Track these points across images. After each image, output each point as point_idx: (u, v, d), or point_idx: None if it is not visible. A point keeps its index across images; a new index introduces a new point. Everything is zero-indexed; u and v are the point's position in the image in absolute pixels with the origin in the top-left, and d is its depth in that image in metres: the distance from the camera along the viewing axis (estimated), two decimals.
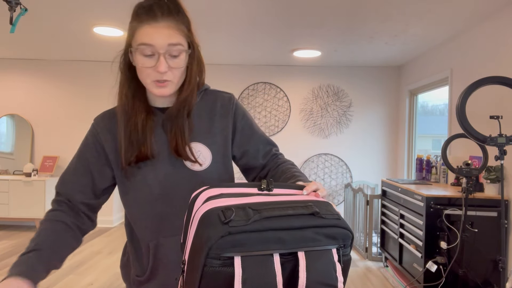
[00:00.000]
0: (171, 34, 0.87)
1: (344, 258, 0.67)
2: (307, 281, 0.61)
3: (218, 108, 1.02)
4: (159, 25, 0.86)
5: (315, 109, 5.19)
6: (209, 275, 0.59)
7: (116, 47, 4.40)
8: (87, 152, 1.00)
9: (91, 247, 4.25)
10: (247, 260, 0.59)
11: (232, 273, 0.58)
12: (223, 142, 1.01)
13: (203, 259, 0.59)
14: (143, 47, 0.87)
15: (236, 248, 0.59)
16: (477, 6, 2.89)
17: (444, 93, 4.09)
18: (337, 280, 0.63)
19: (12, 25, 1.71)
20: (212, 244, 0.58)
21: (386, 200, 3.68)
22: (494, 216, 2.71)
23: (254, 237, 0.60)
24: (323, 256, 0.64)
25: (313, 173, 5.19)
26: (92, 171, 0.99)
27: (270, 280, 0.59)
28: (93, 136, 1.01)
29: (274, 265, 0.61)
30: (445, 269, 2.71)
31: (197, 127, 0.99)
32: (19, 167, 5.17)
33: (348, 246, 0.67)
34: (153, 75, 0.89)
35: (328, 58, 4.72)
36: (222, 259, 0.59)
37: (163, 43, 0.86)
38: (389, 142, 5.14)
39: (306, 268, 0.61)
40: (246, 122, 1.05)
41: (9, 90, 5.24)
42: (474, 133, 2.25)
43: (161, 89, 0.91)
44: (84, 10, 3.17)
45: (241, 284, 0.58)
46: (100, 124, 1.01)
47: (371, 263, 3.91)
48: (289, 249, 0.62)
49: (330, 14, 3.16)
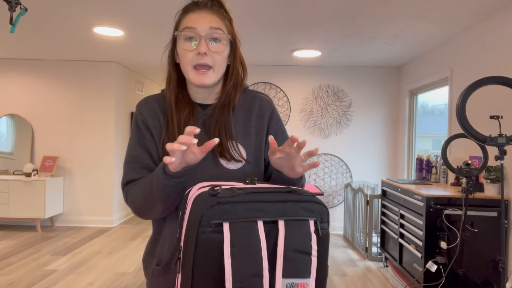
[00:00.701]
0: (213, 19, 0.94)
1: (322, 231, 0.76)
2: (285, 249, 0.70)
3: (256, 109, 1.04)
4: (202, 12, 0.94)
5: (315, 109, 5.19)
6: (202, 242, 0.68)
7: (116, 47, 4.41)
8: (143, 138, 0.99)
9: (91, 247, 4.25)
10: (234, 226, 0.69)
11: (222, 239, 0.68)
12: (257, 143, 1.02)
13: (197, 228, 0.68)
14: (186, 31, 0.93)
15: (224, 216, 0.68)
16: (477, 6, 2.89)
17: (444, 93, 4.09)
18: (311, 249, 0.73)
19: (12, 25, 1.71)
20: (203, 212, 0.68)
21: (386, 200, 3.68)
22: (494, 216, 2.71)
23: (240, 207, 0.70)
24: (300, 226, 0.73)
25: (313, 173, 5.20)
26: (152, 155, 0.99)
27: (255, 243, 0.69)
28: (142, 122, 1.00)
29: (258, 230, 0.70)
30: (445, 269, 2.71)
31: (234, 126, 1.00)
32: (19, 167, 5.17)
33: (325, 221, 0.77)
34: (194, 60, 0.93)
35: (328, 58, 4.72)
36: (212, 226, 0.68)
37: (205, 27, 0.92)
38: (389, 142, 5.14)
39: (285, 237, 0.71)
40: (280, 127, 1.06)
41: (9, 90, 5.24)
42: (474, 133, 2.25)
43: (201, 76, 0.93)
44: (84, 10, 3.17)
45: (229, 247, 0.67)
46: (145, 109, 1.01)
47: (371, 263, 3.91)
48: (271, 218, 0.71)
49: (330, 14, 3.16)
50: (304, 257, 0.72)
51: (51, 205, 4.89)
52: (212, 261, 0.68)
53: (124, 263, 3.75)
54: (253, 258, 0.68)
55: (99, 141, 5.24)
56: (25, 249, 4.10)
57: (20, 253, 3.98)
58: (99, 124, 5.24)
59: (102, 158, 5.24)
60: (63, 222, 5.27)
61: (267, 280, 0.69)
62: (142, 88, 6.32)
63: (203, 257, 0.68)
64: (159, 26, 3.57)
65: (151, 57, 4.90)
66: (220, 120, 0.97)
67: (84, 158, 5.24)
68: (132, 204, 0.95)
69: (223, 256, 0.67)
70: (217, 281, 0.68)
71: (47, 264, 3.65)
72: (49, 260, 3.76)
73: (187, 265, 0.70)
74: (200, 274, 0.68)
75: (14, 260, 3.73)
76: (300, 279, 0.71)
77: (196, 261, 0.68)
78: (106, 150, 5.24)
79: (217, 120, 0.97)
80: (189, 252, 0.69)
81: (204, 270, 0.68)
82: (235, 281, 0.67)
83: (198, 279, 0.68)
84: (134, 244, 4.40)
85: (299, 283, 0.70)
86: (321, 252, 0.75)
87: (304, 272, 0.71)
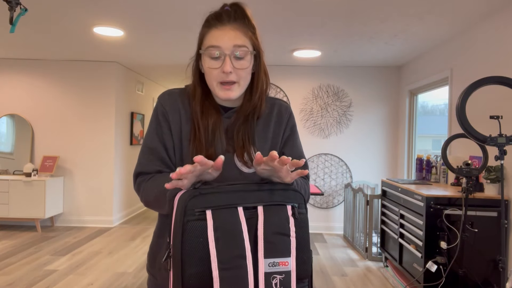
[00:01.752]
0: (237, 36, 0.93)
1: (300, 216, 0.83)
2: (265, 231, 0.78)
3: (275, 115, 1.06)
4: (225, 28, 0.93)
5: (315, 109, 5.19)
6: (188, 229, 0.75)
7: (116, 47, 4.41)
8: (161, 130, 1.01)
9: (91, 247, 4.25)
10: (216, 212, 0.76)
11: (206, 225, 0.75)
12: (273, 147, 1.04)
13: (182, 217, 0.75)
14: (210, 49, 0.93)
15: (207, 204, 0.76)
16: (477, 6, 2.89)
17: (444, 93, 4.08)
18: (290, 230, 0.80)
19: (12, 25, 1.71)
20: (187, 203, 0.76)
21: (386, 200, 3.68)
22: (494, 216, 2.71)
23: (221, 196, 0.78)
24: (278, 210, 0.80)
25: (313, 173, 5.20)
26: (168, 149, 1.00)
27: (237, 227, 0.76)
28: (162, 115, 1.01)
29: (239, 215, 0.77)
30: (445, 269, 2.71)
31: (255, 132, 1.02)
32: (19, 167, 5.17)
33: (302, 207, 0.84)
34: (219, 77, 0.94)
35: (328, 58, 4.72)
36: (196, 214, 0.75)
37: (229, 44, 0.92)
38: (389, 142, 5.14)
39: (264, 221, 0.78)
40: (293, 133, 1.09)
41: (9, 90, 5.24)
42: (474, 133, 2.25)
43: (227, 91, 0.95)
44: (84, 10, 3.17)
45: (213, 231, 0.74)
46: (168, 102, 1.02)
47: (371, 263, 3.91)
48: (251, 203, 0.79)
49: (330, 14, 3.16)
50: (283, 238, 0.78)
51: (51, 205, 4.89)
52: (199, 247, 0.74)
53: (124, 263, 3.75)
54: (235, 241, 0.74)
55: (99, 141, 5.24)
56: (25, 249, 4.10)
57: (20, 253, 3.98)
58: (99, 124, 5.24)
59: (102, 158, 5.24)
60: (63, 222, 5.27)
61: (250, 260, 0.75)
62: (142, 88, 6.32)
63: (190, 243, 0.74)
64: (159, 26, 3.57)
65: (151, 57, 4.90)
66: (244, 127, 0.99)
67: (84, 158, 5.24)
68: (143, 197, 0.97)
69: (208, 241, 0.74)
70: (205, 266, 0.74)
71: (47, 264, 3.65)
72: (49, 260, 3.76)
73: (176, 253, 0.75)
74: (189, 260, 0.74)
75: (14, 260, 3.73)
76: (281, 258, 0.77)
77: (185, 247, 0.74)
78: (106, 150, 5.24)
79: (241, 127, 0.99)
80: (177, 240, 0.75)
81: (192, 256, 0.74)
82: (220, 262, 0.73)
83: (188, 264, 0.74)
84: (134, 244, 4.39)
85: (280, 262, 0.77)
86: (300, 233, 0.82)
87: (284, 252, 0.78)
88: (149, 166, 0.99)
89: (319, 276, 3.51)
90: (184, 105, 1.02)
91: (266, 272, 0.76)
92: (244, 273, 0.74)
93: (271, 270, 0.76)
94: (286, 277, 0.77)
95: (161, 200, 0.91)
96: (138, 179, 1.00)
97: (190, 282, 0.73)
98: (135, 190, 1.01)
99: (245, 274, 0.74)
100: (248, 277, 0.74)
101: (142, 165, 1.00)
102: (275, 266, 0.76)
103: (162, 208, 0.93)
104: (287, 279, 0.77)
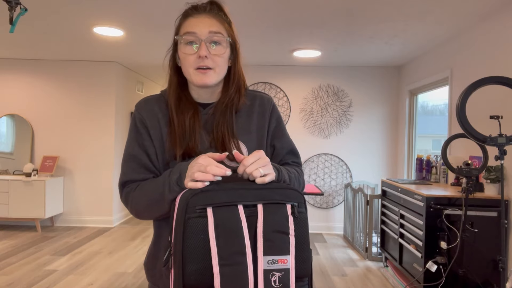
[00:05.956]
0: (213, 23, 0.96)
1: (300, 215, 0.84)
2: (264, 229, 0.78)
3: (257, 107, 1.06)
4: (201, 16, 0.97)
5: (315, 109, 5.19)
6: (189, 226, 0.76)
7: (116, 47, 4.41)
8: (141, 137, 1.01)
9: (91, 247, 4.25)
10: (217, 210, 0.77)
11: (206, 222, 0.76)
12: (259, 141, 1.04)
13: (184, 214, 0.76)
14: (186, 36, 0.95)
15: (207, 202, 0.77)
16: (477, 6, 2.89)
17: (444, 93, 4.08)
18: (289, 229, 0.81)
19: (12, 25, 1.71)
20: (188, 201, 0.77)
21: (386, 200, 3.68)
22: (494, 216, 2.71)
23: (221, 194, 0.79)
24: (278, 209, 0.81)
25: (313, 173, 5.20)
26: (150, 155, 1.00)
27: (237, 224, 0.77)
28: (140, 122, 1.01)
29: (238, 213, 0.78)
30: (445, 269, 2.71)
31: (236, 124, 1.01)
32: (19, 167, 5.17)
33: (302, 206, 0.85)
34: (195, 63, 0.95)
35: (328, 58, 4.72)
36: (197, 211, 0.76)
37: (205, 30, 0.95)
38: (389, 142, 5.14)
39: (264, 219, 0.79)
40: (279, 124, 1.08)
41: (9, 90, 5.24)
42: (474, 133, 2.25)
43: (202, 76, 0.95)
44: (84, 10, 3.17)
45: (214, 229, 0.75)
46: (144, 109, 1.03)
47: (371, 263, 3.91)
48: (250, 201, 0.80)
49: (330, 14, 3.16)
50: (282, 237, 0.79)
51: (51, 205, 4.89)
52: (200, 243, 0.75)
53: (124, 263, 3.75)
54: (236, 238, 0.76)
55: (99, 141, 5.24)
56: (25, 249, 4.10)
57: (20, 253, 3.98)
58: (99, 124, 5.24)
59: (102, 158, 5.24)
60: (63, 222, 5.27)
61: (250, 257, 0.76)
62: (142, 88, 6.32)
63: (192, 240, 0.75)
64: (159, 26, 3.57)
65: (151, 57, 4.90)
66: (222, 120, 0.98)
67: (84, 158, 5.24)
68: (133, 207, 0.96)
69: (209, 237, 0.75)
70: (206, 262, 0.75)
71: (47, 264, 3.65)
72: (49, 260, 3.76)
73: (178, 250, 0.76)
74: (190, 257, 0.75)
75: (14, 260, 3.73)
76: (280, 256, 0.78)
77: (186, 243, 0.75)
78: (106, 150, 5.24)
79: (219, 120, 0.99)
80: (179, 237, 0.76)
81: (193, 252, 0.75)
82: (221, 258, 0.74)
83: (189, 261, 0.75)
84: (134, 244, 4.39)
85: (279, 259, 0.78)
86: (299, 232, 0.83)
87: (284, 250, 0.79)
88: (133, 174, 0.98)
89: (319, 276, 3.51)
90: (162, 109, 1.02)
91: (265, 269, 0.77)
92: (244, 269, 0.75)
93: (270, 267, 0.77)
94: (285, 274, 0.78)
95: (155, 207, 0.90)
96: (124, 189, 0.99)
97: (191, 279, 0.75)
98: (123, 202, 1.00)
99: (245, 270, 0.75)
100: (248, 273, 0.75)
101: (126, 174, 0.99)
102: (274, 264, 0.78)
103: (155, 213, 0.92)
104: (286, 277, 0.78)
